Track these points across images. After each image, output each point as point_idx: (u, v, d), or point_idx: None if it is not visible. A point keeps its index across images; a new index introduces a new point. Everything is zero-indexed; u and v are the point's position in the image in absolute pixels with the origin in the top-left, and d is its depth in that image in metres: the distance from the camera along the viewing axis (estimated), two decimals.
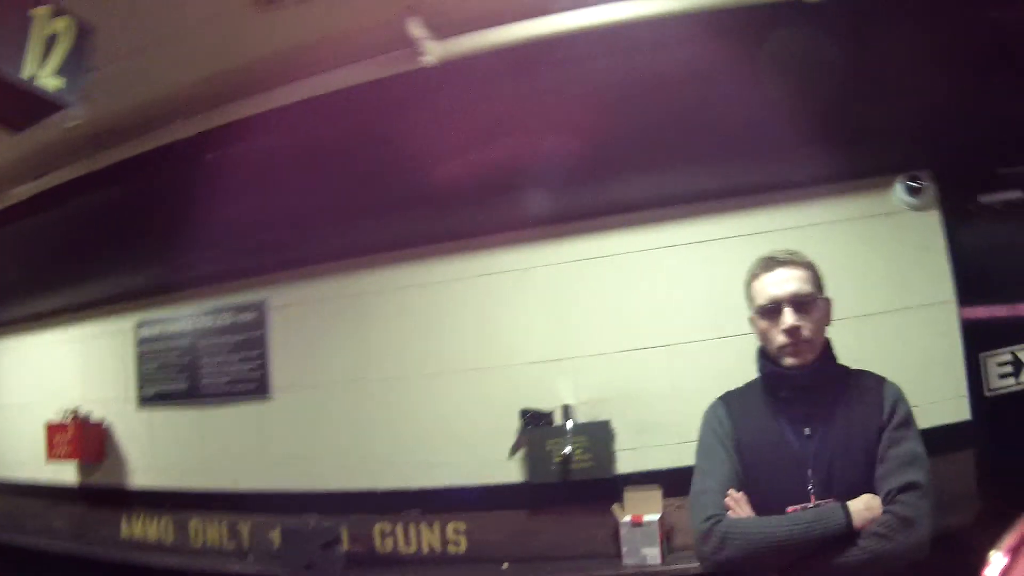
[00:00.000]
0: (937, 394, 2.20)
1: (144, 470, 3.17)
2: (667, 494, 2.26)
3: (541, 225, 2.51)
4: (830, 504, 1.31)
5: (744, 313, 1.54)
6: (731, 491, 1.39)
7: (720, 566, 1.34)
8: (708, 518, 1.35)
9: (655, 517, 2.20)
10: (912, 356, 2.19)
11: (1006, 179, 2.55)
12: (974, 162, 2.50)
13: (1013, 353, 2.44)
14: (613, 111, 2.01)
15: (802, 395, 1.43)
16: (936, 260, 2.35)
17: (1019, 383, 2.42)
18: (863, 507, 1.29)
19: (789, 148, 2.18)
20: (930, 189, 2.38)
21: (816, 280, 1.48)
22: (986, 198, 2.52)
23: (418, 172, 2.18)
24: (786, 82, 1.94)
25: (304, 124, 2.20)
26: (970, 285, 2.37)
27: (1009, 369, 2.43)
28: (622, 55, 1.87)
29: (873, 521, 1.28)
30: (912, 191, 2.37)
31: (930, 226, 2.38)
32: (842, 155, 2.30)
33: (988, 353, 2.41)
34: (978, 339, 2.36)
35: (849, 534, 1.26)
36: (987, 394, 2.38)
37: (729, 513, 1.35)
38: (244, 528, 2.84)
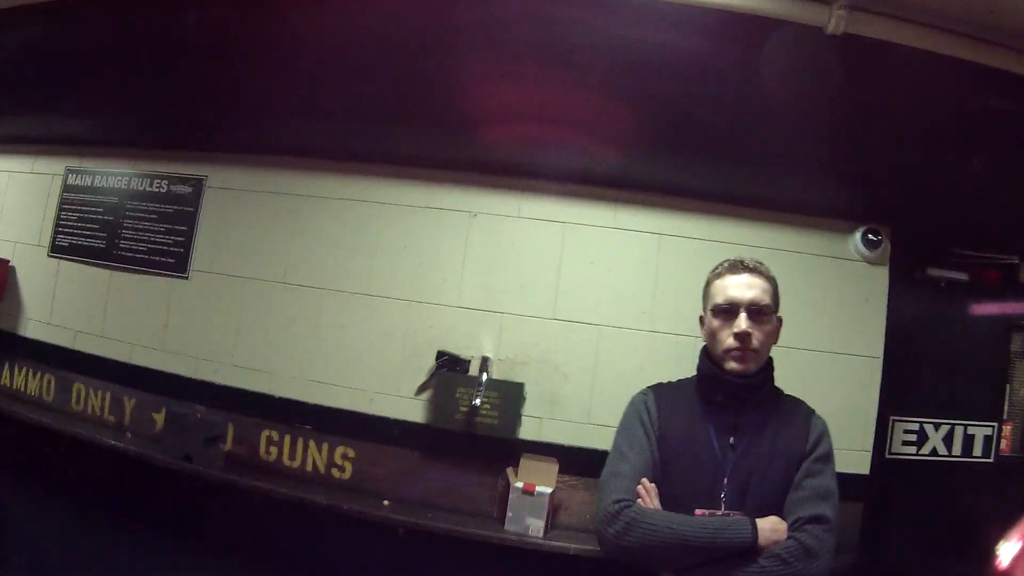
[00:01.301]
0: (844, 442, 2.26)
1: (39, 321, 2.97)
2: (563, 470, 2.25)
3: (500, 174, 2.42)
4: (739, 517, 1.32)
5: (680, 314, 1.53)
6: (644, 480, 1.38)
7: (620, 551, 1.34)
8: (617, 501, 1.35)
9: (547, 490, 2.20)
10: (831, 399, 2.23)
11: (958, 260, 2.64)
12: (933, 234, 2.57)
13: (921, 424, 2.55)
14: (594, 83, 1.95)
15: (735, 404, 1.43)
16: (875, 315, 2.41)
17: (919, 454, 2.53)
18: (770, 528, 1.31)
19: (762, 166, 2.19)
20: (886, 246, 2.43)
21: (775, 296, 1.50)
22: (934, 271, 2.60)
23: (383, 85, 2.08)
24: (776, 100, 1.92)
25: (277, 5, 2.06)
26: (900, 348, 2.45)
27: (913, 438, 2.53)
28: (602, 27, 1.79)
29: (776, 544, 1.29)
30: (869, 243, 2.41)
31: (878, 281, 2.43)
32: (813, 189, 2.33)
33: (899, 418, 2.50)
34: (893, 402, 2.45)
35: (752, 550, 1.27)
36: (888, 455, 2.48)
37: (638, 501, 1.35)
38: (129, 404, 2.71)
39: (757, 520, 1.32)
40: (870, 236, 2.41)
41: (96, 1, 2.27)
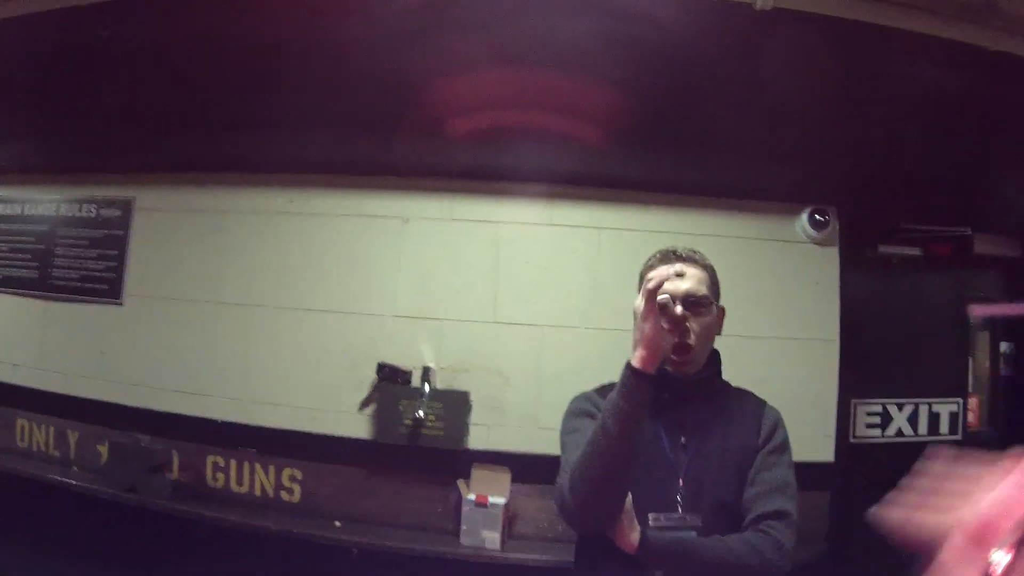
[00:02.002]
0: (805, 430, 2.21)
1: None
2: (516, 479, 2.19)
3: (429, 176, 2.35)
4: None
5: (624, 309, 1.46)
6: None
7: (575, 513, 1.26)
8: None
9: (501, 500, 2.14)
10: (787, 387, 2.18)
11: (909, 235, 2.59)
12: (882, 211, 2.52)
13: (884, 406, 2.50)
14: (523, 76, 1.88)
15: (682, 402, 1.36)
16: (827, 297, 2.35)
17: (884, 436, 2.49)
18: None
19: (701, 151, 2.13)
20: (834, 226, 2.38)
21: (713, 285, 1.41)
22: (885, 249, 2.55)
23: (303, 92, 2.00)
24: (711, 82, 1.86)
25: (197, 16, 1.98)
26: (856, 330, 2.40)
27: (877, 420, 2.49)
28: (524, 14, 1.72)
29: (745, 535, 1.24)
30: (816, 224, 2.36)
31: (828, 263, 2.37)
32: (754, 171, 2.27)
33: (860, 400, 2.46)
34: (854, 385, 2.40)
35: (637, 373, 1.20)
36: (852, 440, 2.43)
37: None
38: (72, 436, 2.62)
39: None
40: (817, 217, 2.35)
41: (9, 20, 2.19)
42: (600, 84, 1.90)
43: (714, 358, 1.43)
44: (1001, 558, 0.20)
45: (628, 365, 1.20)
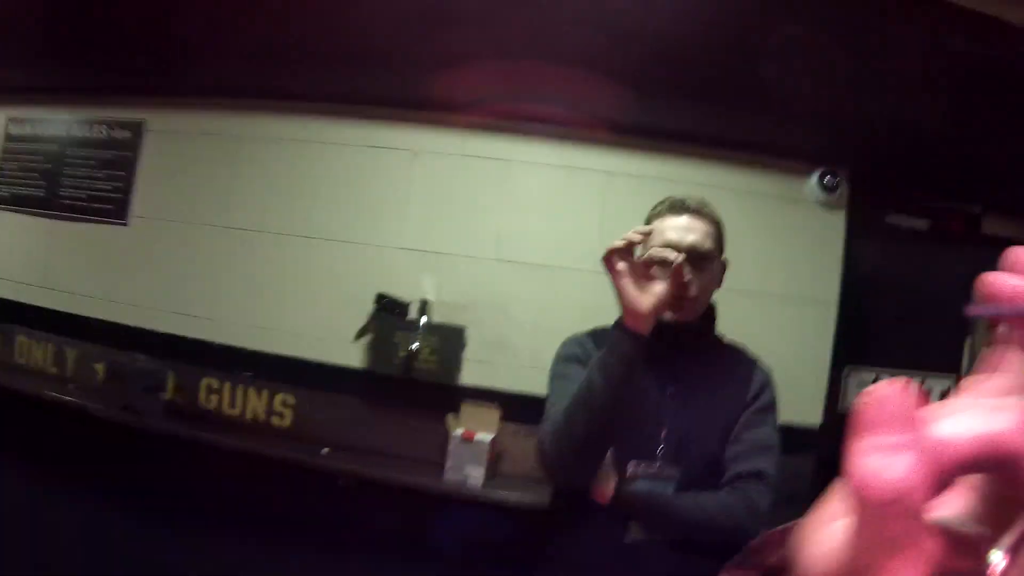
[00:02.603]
0: (794, 392, 2.20)
1: None
2: (505, 417, 2.20)
3: (442, 110, 2.33)
4: None
5: None
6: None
7: (554, 466, 1.25)
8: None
9: (487, 437, 2.14)
10: (782, 345, 2.16)
11: (919, 206, 2.56)
12: (894, 179, 2.50)
13: (877, 375, 2.48)
14: (537, 13, 1.86)
15: (674, 353, 1.33)
16: (830, 260, 2.34)
17: None
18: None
19: (715, 102, 2.11)
20: (844, 190, 2.36)
21: (719, 239, 1.38)
22: (894, 218, 2.53)
23: (318, 21, 1.99)
24: (730, 33, 1.84)
25: None
26: (855, 296, 2.39)
27: (868, 385, 2.47)
28: None
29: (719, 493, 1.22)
30: (826, 187, 2.34)
31: (834, 226, 2.36)
32: (768, 127, 2.25)
33: (853, 367, 2.44)
34: (848, 351, 2.38)
35: (628, 331, 1.18)
36: (840, 410, 2.42)
37: None
38: (71, 355, 2.65)
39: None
40: (827, 179, 2.33)
41: None
42: (621, 29, 1.88)
43: (710, 311, 1.42)
44: (999, 559, 0.19)
45: (619, 324, 1.17)
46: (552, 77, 2.12)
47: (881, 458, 0.17)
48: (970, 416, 0.18)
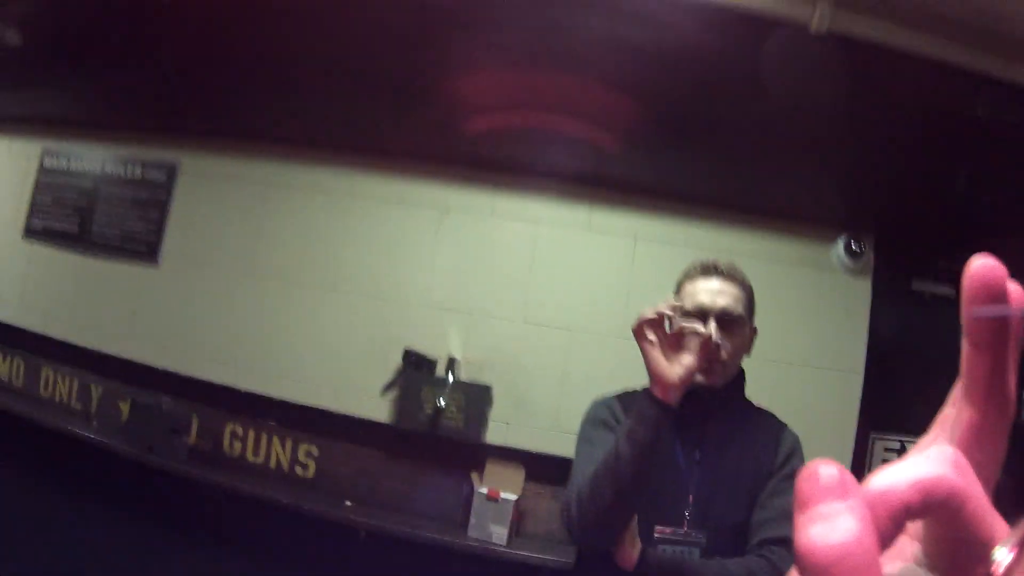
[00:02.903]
0: (820, 458, 2.20)
1: (10, 304, 2.93)
2: (530, 477, 2.21)
3: (475, 168, 2.37)
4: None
5: None
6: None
7: (583, 532, 1.24)
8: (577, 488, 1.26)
9: (512, 496, 2.15)
10: (807, 414, 2.16)
11: (943, 272, 2.57)
12: (918, 245, 2.50)
13: (902, 443, 2.48)
14: (573, 78, 1.89)
15: (702, 417, 1.33)
16: (856, 328, 2.35)
17: None
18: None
19: (742, 166, 2.13)
20: (869, 256, 2.37)
21: (749, 304, 1.38)
22: (919, 284, 2.53)
23: (358, 74, 2.03)
24: (759, 99, 1.86)
25: None
26: (881, 363, 2.39)
27: (895, 456, 2.47)
28: (581, 20, 1.73)
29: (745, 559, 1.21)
30: (851, 253, 2.35)
31: (859, 293, 2.37)
32: (795, 192, 2.27)
33: (879, 435, 2.44)
34: (874, 418, 2.38)
35: (656, 399, 1.18)
36: (867, 474, 2.41)
37: None
38: (96, 391, 2.67)
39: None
40: (853, 246, 2.34)
41: None
42: (648, 94, 1.91)
43: (739, 376, 1.42)
44: (1004, 556, 0.20)
45: (648, 393, 1.18)
46: (583, 138, 2.15)
47: (821, 525, 0.18)
48: (905, 466, 0.19)
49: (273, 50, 2.11)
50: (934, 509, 0.19)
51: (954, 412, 0.23)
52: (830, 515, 0.18)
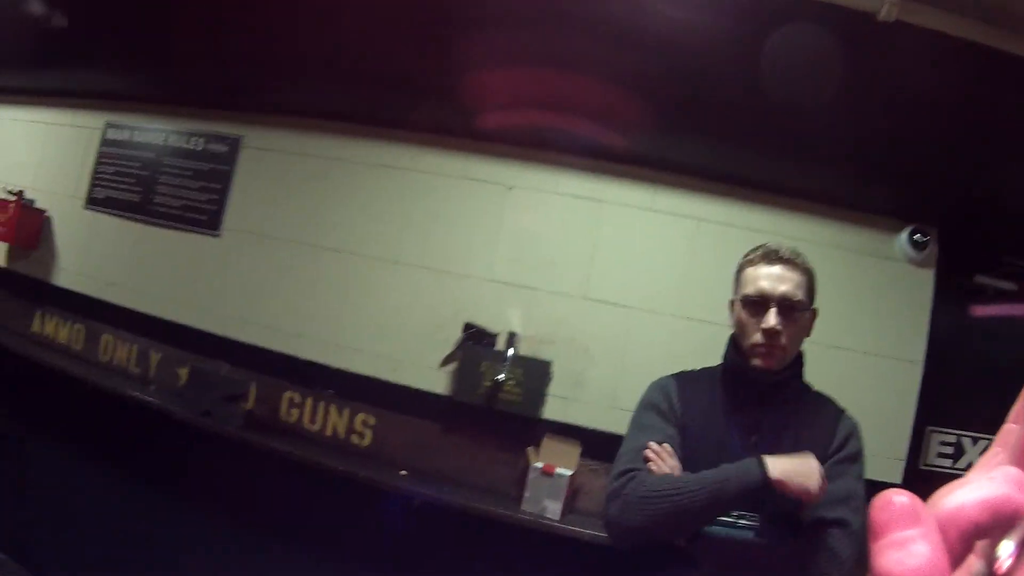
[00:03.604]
0: (875, 448, 2.18)
1: (72, 271, 3.02)
2: (585, 454, 2.22)
3: (540, 147, 2.38)
4: (745, 460, 1.22)
5: (715, 302, 1.45)
6: (653, 444, 1.29)
7: (622, 533, 1.24)
8: (622, 473, 1.26)
9: (567, 472, 2.16)
10: (865, 402, 2.13)
11: (1007, 268, 2.53)
12: (983, 240, 2.47)
13: (958, 436, 2.45)
14: (641, 63, 1.89)
15: (760, 400, 1.34)
16: (918, 319, 2.32)
17: (954, 467, 2.44)
18: (787, 463, 1.19)
19: (807, 156, 2.12)
20: (933, 248, 2.34)
21: (810, 289, 1.38)
22: (982, 279, 2.50)
23: (423, 53, 2.05)
24: (826, 88, 1.84)
25: None
26: (941, 355, 2.36)
27: (950, 450, 2.44)
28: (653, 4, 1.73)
29: (797, 480, 1.18)
30: (916, 244, 2.32)
31: (923, 284, 2.34)
32: (859, 183, 2.25)
33: (935, 428, 2.41)
34: (931, 410, 2.35)
35: (765, 488, 1.17)
36: (922, 467, 2.39)
37: (649, 465, 1.26)
38: (155, 357, 2.73)
39: (767, 458, 1.19)
40: (917, 237, 2.32)
41: None
42: (720, 80, 1.90)
43: (798, 360, 1.41)
44: (1008, 552, 0.21)
45: (763, 471, 1.17)
46: (648, 119, 2.15)
47: (897, 552, 0.19)
48: (972, 486, 0.20)
49: (335, 29, 2.14)
50: (1002, 528, 0.20)
51: (1017, 428, 0.24)
52: (905, 542, 0.19)
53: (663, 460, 1.26)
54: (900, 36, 1.59)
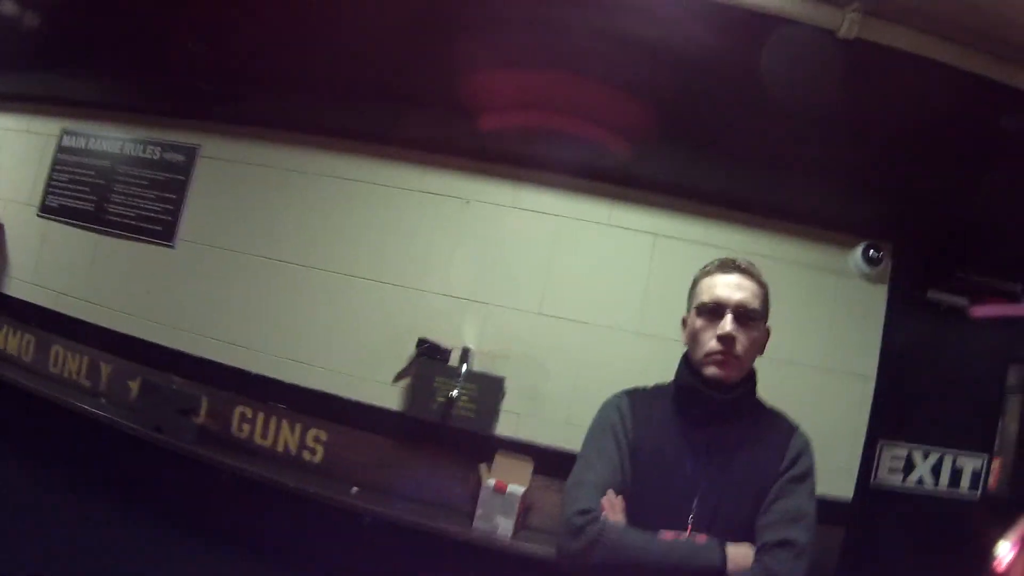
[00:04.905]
0: (828, 464, 2.19)
1: (23, 281, 2.94)
2: (538, 471, 2.20)
3: (497, 162, 2.38)
4: (708, 541, 1.24)
5: (673, 318, 1.45)
6: (610, 493, 1.30)
7: (582, 567, 1.25)
8: (583, 512, 1.26)
9: (520, 489, 2.14)
10: (817, 418, 2.16)
11: (959, 284, 2.57)
12: (936, 255, 2.50)
13: (910, 451, 2.47)
14: (597, 76, 1.90)
15: (713, 418, 1.34)
16: (870, 334, 2.34)
17: (904, 484, 2.46)
18: (742, 555, 1.22)
19: (764, 169, 2.13)
20: (887, 264, 2.37)
21: (765, 301, 1.39)
22: (935, 294, 2.53)
23: (382, 64, 2.04)
24: (782, 102, 1.85)
25: None
26: (893, 371, 2.38)
27: (900, 465, 2.46)
28: (607, 18, 1.73)
29: (742, 570, 1.21)
30: (869, 260, 2.35)
31: (875, 300, 2.37)
32: (815, 197, 2.27)
33: (887, 442, 2.43)
34: (883, 426, 2.37)
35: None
36: (873, 482, 2.41)
37: (603, 514, 1.27)
38: (106, 369, 2.67)
39: (729, 546, 1.22)
40: (871, 253, 2.34)
41: None
42: (670, 93, 1.91)
43: (751, 376, 1.41)
44: (1006, 551, 0.20)
45: (722, 562, 1.21)
46: (602, 133, 2.15)
47: None
48: None
49: (292, 40, 2.12)
50: None
51: None
52: None
53: (615, 514, 1.28)
54: (860, 53, 1.61)
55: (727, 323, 1.32)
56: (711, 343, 1.33)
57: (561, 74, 1.95)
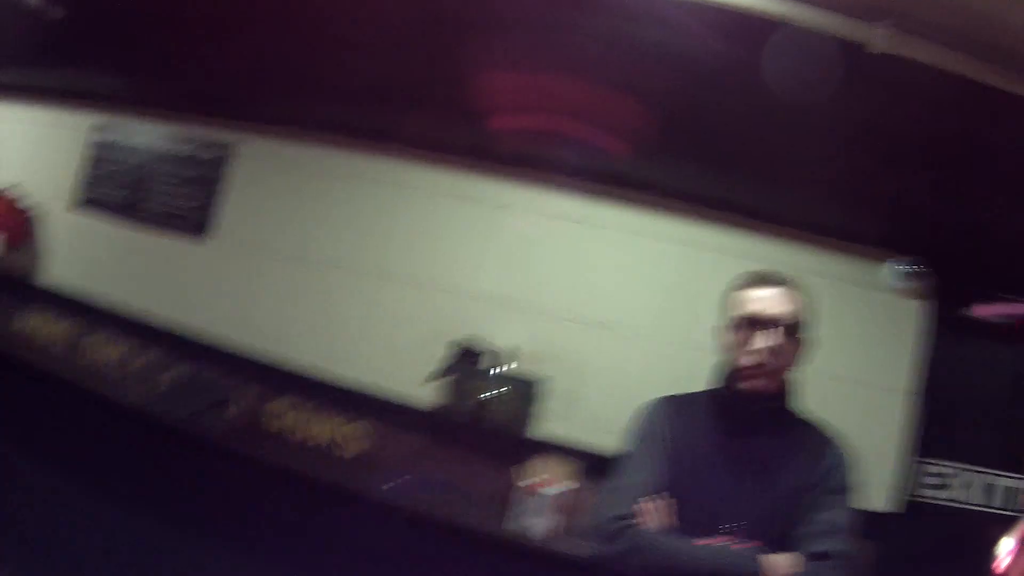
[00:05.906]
0: (863, 477, 2.19)
1: (58, 272, 2.98)
2: (571, 473, 2.19)
3: (536, 168, 2.41)
4: (745, 550, 1.24)
5: (704, 326, 1.46)
6: (647, 499, 1.30)
7: (617, 572, 1.26)
8: (618, 518, 1.27)
9: (552, 492, 2.14)
10: (853, 432, 2.16)
11: (1001, 303, 2.54)
12: (975, 272, 2.48)
13: (946, 468, 2.45)
14: (640, 88, 1.90)
15: (750, 427, 1.35)
16: (907, 349, 2.33)
17: (939, 498, 2.43)
18: (777, 564, 1.22)
19: (804, 184, 2.13)
20: (924, 280, 2.35)
21: (800, 315, 1.39)
22: (973, 311, 2.51)
23: (419, 68, 2.05)
24: (821, 118, 1.85)
25: None
26: (929, 386, 2.37)
27: (937, 481, 2.44)
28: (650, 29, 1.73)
29: None
30: (906, 275, 2.34)
31: (912, 316, 2.35)
32: (853, 212, 2.27)
33: (922, 459, 2.41)
34: (918, 442, 2.36)
35: None
36: (909, 497, 2.39)
37: (640, 520, 1.27)
38: (139, 360, 2.69)
39: (765, 556, 1.22)
40: (910, 268, 2.34)
41: None
42: (716, 108, 1.91)
43: (788, 387, 1.41)
44: (1008, 546, 0.20)
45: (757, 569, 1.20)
46: (641, 146, 2.16)
47: None
48: None
49: (330, 41, 2.13)
50: None
51: None
52: None
53: (652, 521, 1.28)
54: (891, 67, 1.60)
55: (762, 336, 1.32)
56: (746, 356, 1.34)
57: (600, 81, 1.96)
